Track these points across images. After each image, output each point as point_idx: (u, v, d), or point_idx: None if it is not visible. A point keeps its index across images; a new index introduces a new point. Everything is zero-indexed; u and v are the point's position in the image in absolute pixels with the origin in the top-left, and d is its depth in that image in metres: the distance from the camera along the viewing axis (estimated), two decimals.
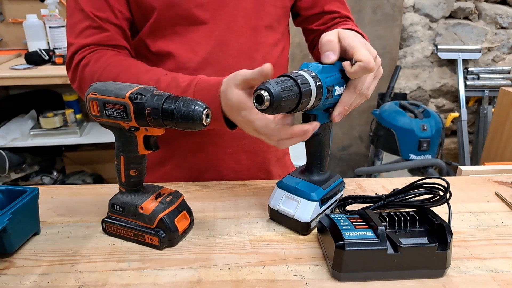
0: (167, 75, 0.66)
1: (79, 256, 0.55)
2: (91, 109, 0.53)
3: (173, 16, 0.71)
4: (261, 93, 0.46)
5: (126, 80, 0.66)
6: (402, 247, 0.49)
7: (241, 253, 0.56)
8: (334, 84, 0.54)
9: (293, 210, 0.59)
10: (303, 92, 0.48)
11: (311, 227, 0.59)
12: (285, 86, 0.47)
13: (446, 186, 0.57)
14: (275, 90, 0.46)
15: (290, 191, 0.60)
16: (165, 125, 0.50)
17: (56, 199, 0.70)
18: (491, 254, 0.56)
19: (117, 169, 0.57)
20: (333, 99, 0.56)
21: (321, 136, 0.60)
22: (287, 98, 0.47)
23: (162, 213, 0.56)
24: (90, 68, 0.69)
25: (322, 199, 0.59)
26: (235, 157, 0.81)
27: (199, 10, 0.71)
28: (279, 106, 0.46)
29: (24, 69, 1.83)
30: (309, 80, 0.50)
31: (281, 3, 0.78)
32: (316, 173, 0.62)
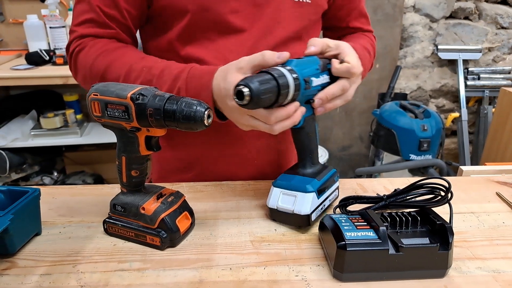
0: (160, 62, 0.66)
1: (81, 257, 0.55)
2: (92, 109, 0.53)
3: (206, 21, 0.69)
4: (241, 89, 0.48)
5: (119, 67, 0.66)
6: (404, 247, 0.49)
7: (242, 253, 0.56)
8: (310, 75, 0.58)
9: (291, 205, 0.60)
10: (281, 84, 0.51)
11: (312, 219, 0.60)
12: (263, 80, 0.50)
13: (448, 187, 0.57)
14: (254, 85, 0.48)
15: (286, 187, 0.61)
16: (167, 126, 0.50)
17: (57, 200, 0.70)
18: (492, 255, 0.56)
19: (119, 169, 0.57)
20: (312, 90, 0.59)
21: (307, 129, 0.62)
22: (266, 91, 0.50)
23: (164, 213, 0.56)
24: (85, 53, 0.69)
25: (318, 190, 0.60)
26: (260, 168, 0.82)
27: (234, 17, 0.69)
28: (259, 100, 0.49)
29: (25, 69, 1.83)
30: (285, 73, 0.53)
31: (315, 16, 0.78)
32: (308, 166, 0.63)
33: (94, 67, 0.68)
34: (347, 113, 2.54)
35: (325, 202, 0.63)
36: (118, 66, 0.66)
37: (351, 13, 0.84)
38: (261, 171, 0.83)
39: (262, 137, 0.78)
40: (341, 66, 0.60)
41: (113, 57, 0.67)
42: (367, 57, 0.78)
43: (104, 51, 0.68)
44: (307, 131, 0.62)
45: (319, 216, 0.62)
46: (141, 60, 0.67)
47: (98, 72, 0.68)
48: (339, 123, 2.56)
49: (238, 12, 0.69)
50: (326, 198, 0.63)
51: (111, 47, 0.69)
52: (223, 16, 0.68)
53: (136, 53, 0.69)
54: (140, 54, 0.69)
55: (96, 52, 0.68)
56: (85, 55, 0.69)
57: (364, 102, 2.51)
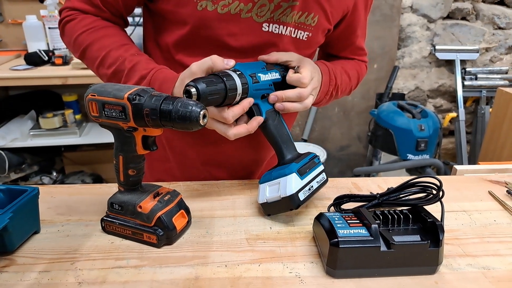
0: (136, 56, 0.68)
1: (79, 254, 0.56)
2: (90, 110, 0.54)
3: (203, 36, 0.70)
4: (188, 89, 0.55)
5: (98, 48, 0.69)
6: (395, 244, 0.51)
7: (237, 251, 0.57)
8: (256, 71, 0.65)
9: (277, 192, 0.62)
10: (226, 81, 0.58)
11: (301, 199, 0.61)
12: (209, 81, 0.56)
13: (439, 185, 0.58)
14: (201, 86, 0.55)
15: (269, 179, 0.64)
16: (163, 126, 0.51)
17: (56, 199, 0.71)
18: (483, 252, 0.57)
19: (116, 168, 0.58)
20: (261, 84, 0.65)
21: (271, 121, 0.66)
22: (213, 92, 0.56)
23: (160, 211, 0.57)
24: (72, 26, 0.71)
25: (299, 171, 0.62)
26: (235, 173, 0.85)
27: (231, 39, 0.70)
28: (205, 99, 0.56)
29: (24, 69, 1.84)
30: (230, 72, 0.60)
31: (310, 50, 0.78)
32: (287, 156, 0.66)
33: (77, 42, 0.71)
34: (345, 113, 2.55)
35: (312, 183, 0.64)
36: (98, 47, 0.69)
37: (346, 47, 0.86)
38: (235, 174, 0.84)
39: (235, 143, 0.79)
40: (293, 75, 0.67)
41: (96, 37, 0.69)
42: (345, 80, 0.82)
43: (90, 29, 0.70)
44: (272, 123, 0.66)
45: (309, 197, 0.63)
46: (121, 47, 0.69)
47: (79, 47, 0.71)
48: (337, 123, 2.57)
49: (235, 36, 0.70)
50: (313, 180, 0.65)
51: (98, 25, 0.71)
52: (220, 36, 0.69)
53: (119, 38, 0.71)
54: (122, 39, 0.71)
55: (83, 28, 0.70)
56: (73, 28, 0.71)
57: (362, 102, 2.53)
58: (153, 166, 0.87)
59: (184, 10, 0.67)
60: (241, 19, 0.68)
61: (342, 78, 0.80)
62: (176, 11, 0.68)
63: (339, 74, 0.79)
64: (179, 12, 0.68)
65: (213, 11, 0.66)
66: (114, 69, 0.67)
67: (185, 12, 0.67)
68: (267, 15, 0.68)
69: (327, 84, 0.76)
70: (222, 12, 0.66)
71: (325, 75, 0.75)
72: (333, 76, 0.77)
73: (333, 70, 0.78)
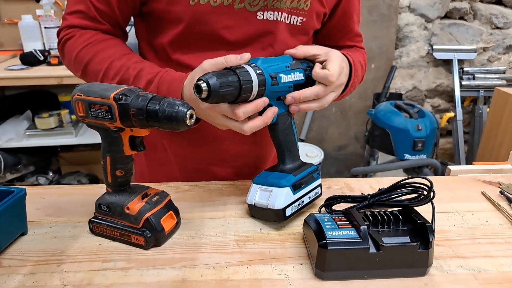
0: (139, 63, 0.67)
1: (65, 256, 0.55)
2: (77, 110, 0.54)
3: (199, 32, 0.69)
4: (199, 84, 0.51)
5: (100, 61, 0.68)
6: (384, 246, 0.50)
7: (226, 252, 0.56)
8: (278, 72, 0.59)
9: (266, 200, 0.61)
10: (242, 80, 0.53)
11: (287, 214, 0.60)
12: (222, 75, 0.52)
13: (430, 186, 0.57)
14: (212, 80, 0.51)
15: (263, 183, 0.63)
16: (150, 126, 0.51)
17: (45, 200, 0.70)
18: (474, 253, 0.57)
19: (104, 169, 0.57)
20: (280, 86, 0.60)
21: (281, 125, 0.63)
22: (225, 85, 0.52)
23: (148, 213, 0.56)
24: (72, 43, 0.70)
25: (293, 185, 0.61)
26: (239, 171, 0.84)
27: (227, 32, 0.69)
28: (217, 94, 0.51)
29: (19, 69, 1.83)
30: (248, 69, 0.55)
31: (306, 36, 0.77)
32: (287, 163, 0.64)
33: (78, 58, 0.69)
34: (342, 113, 2.54)
35: (304, 198, 0.64)
36: (99, 60, 0.68)
37: (345, 35, 0.84)
38: (239, 173, 0.84)
39: (239, 140, 0.79)
40: (320, 72, 0.62)
41: (96, 50, 0.68)
42: (359, 70, 0.78)
43: (89, 43, 0.69)
44: (282, 128, 0.63)
45: (296, 212, 0.63)
46: (123, 57, 0.68)
47: (80, 63, 0.69)
48: (334, 123, 2.57)
49: (231, 28, 0.69)
50: (305, 195, 0.64)
51: (97, 38, 0.69)
52: (216, 30, 0.69)
53: (120, 49, 0.70)
54: (123, 49, 0.70)
55: (83, 43, 0.69)
56: (72, 45, 0.70)
57: (359, 102, 2.52)
58: (154, 170, 0.86)
59: (177, 8, 0.67)
60: (235, 10, 0.67)
61: (357, 68, 0.76)
62: (169, 9, 0.67)
63: (358, 63, 0.76)
64: (172, 10, 0.67)
65: (206, 4, 0.66)
66: (119, 79, 0.66)
67: (178, 9, 0.67)
68: (260, 4, 0.68)
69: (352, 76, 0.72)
70: (215, 4, 0.66)
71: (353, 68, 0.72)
72: (358, 66, 0.74)
73: (353, 59, 0.74)
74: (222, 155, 0.81)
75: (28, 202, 0.60)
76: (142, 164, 0.89)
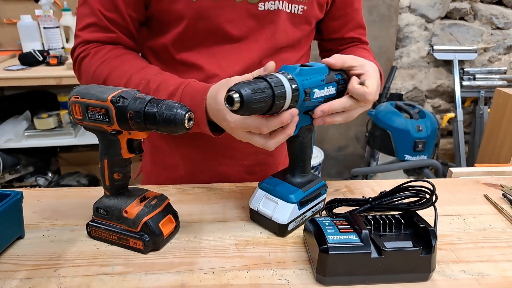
0: (159, 75, 0.66)
1: (63, 260, 0.54)
2: (73, 112, 0.53)
3: (202, 28, 0.68)
4: (231, 95, 0.47)
5: (118, 76, 0.66)
6: (386, 251, 0.49)
7: (226, 257, 0.56)
8: (312, 86, 0.54)
9: (271, 211, 0.59)
10: (277, 95, 0.49)
11: (289, 229, 0.59)
12: (257, 88, 0.47)
13: (432, 189, 0.56)
14: (245, 92, 0.46)
15: (270, 192, 0.61)
16: (148, 129, 0.50)
17: (42, 202, 0.70)
18: (477, 258, 0.56)
19: (101, 172, 0.57)
20: (312, 102, 0.56)
21: (302, 138, 0.60)
22: (259, 100, 0.47)
23: (146, 216, 0.55)
24: (88, 61, 0.69)
25: (301, 201, 0.59)
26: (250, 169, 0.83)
27: (230, 26, 0.69)
28: (250, 107, 0.47)
29: (18, 70, 1.82)
30: (284, 82, 0.50)
31: (308, 26, 0.76)
32: (298, 175, 0.62)
33: (96, 76, 0.68)
34: None
35: (307, 213, 0.63)
36: (118, 75, 0.66)
37: (347, 24, 0.83)
38: (251, 171, 0.83)
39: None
40: (359, 88, 0.58)
41: (113, 66, 0.67)
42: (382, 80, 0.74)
43: (106, 59, 0.68)
44: (302, 140, 0.60)
45: (298, 226, 0.62)
46: (141, 70, 0.67)
47: (99, 81, 0.68)
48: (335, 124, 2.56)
49: (234, 22, 0.69)
50: (309, 210, 0.63)
51: (113, 54, 0.68)
52: (219, 25, 0.68)
53: (137, 62, 0.69)
54: (141, 63, 0.69)
55: (99, 60, 0.68)
56: (88, 63, 0.69)
57: None
58: (161, 175, 0.85)
59: (179, 6, 0.66)
60: (236, 3, 0.67)
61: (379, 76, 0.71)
62: (171, 9, 0.67)
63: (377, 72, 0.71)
64: (174, 8, 0.67)
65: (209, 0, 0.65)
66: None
67: (180, 7, 0.66)
68: None
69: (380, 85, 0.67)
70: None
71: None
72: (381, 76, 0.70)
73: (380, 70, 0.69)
74: (232, 154, 0.80)
75: (25, 205, 0.59)
76: (148, 167, 0.88)
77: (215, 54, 0.71)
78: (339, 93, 0.60)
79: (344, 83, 0.60)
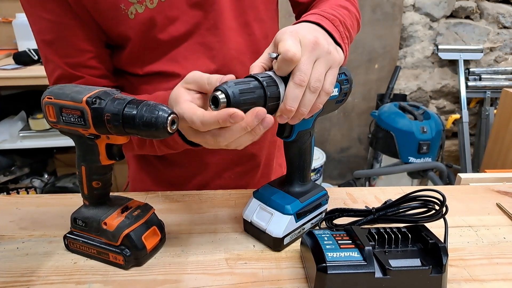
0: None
1: (35, 277, 0.50)
2: (47, 114, 0.48)
3: (152, 39, 0.63)
4: (216, 95, 0.41)
5: None
6: (392, 270, 0.44)
7: (215, 273, 0.51)
8: None
9: (265, 223, 0.54)
10: (269, 96, 0.44)
11: (284, 243, 0.54)
12: (246, 88, 0.42)
13: (442, 200, 0.51)
14: (232, 92, 0.41)
15: (265, 202, 0.55)
16: (127, 133, 0.45)
17: (21, 210, 0.65)
18: (492, 276, 0.51)
19: (79, 180, 0.52)
20: None
21: (300, 144, 0.54)
22: (248, 101, 0.42)
23: (128, 229, 0.50)
24: None
25: (298, 213, 0.54)
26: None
27: (173, 26, 0.63)
28: (238, 106, 0.41)
29: (12, 69, 1.78)
30: (278, 81, 0.45)
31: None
32: (296, 184, 0.57)
33: None
34: (345, 114, 2.48)
35: (306, 225, 0.57)
36: None
37: None
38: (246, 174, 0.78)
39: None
40: (277, 64, 0.44)
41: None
42: (345, 14, 0.60)
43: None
44: (300, 146, 0.55)
45: (295, 239, 0.57)
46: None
47: None
48: (337, 124, 2.51)
49: (177, 20, 0.62)
50: (308, 222, 0.57)
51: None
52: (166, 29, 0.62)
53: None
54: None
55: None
56: None
57: (362, 103, 2.46)
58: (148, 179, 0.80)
59: (122, 26, 0.61)
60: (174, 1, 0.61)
61: (339, 12, 0.58)
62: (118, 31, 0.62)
63: (331, 9, 0.58)
64: (119, 30, 0.61)
65: (145, 10, 0.59)
66: None
67: (123, 28, 0.61)
68: None
69: (331, 26, 0.53)
70: (152, 6, 0.59)
71: (320, 20, 0.52)
72: (329, 15, 0.55)
73: (323, 11, 0.56)
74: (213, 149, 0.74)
75: (2, 213, 0.55)
76: (132, 174, 0.83)
77: (175, 57, 0.65)
78: (343, 94, 0.54)
79: (348, 83, 0.54)
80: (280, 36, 0.46)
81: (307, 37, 0.45)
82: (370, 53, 2.34)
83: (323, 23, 0.51)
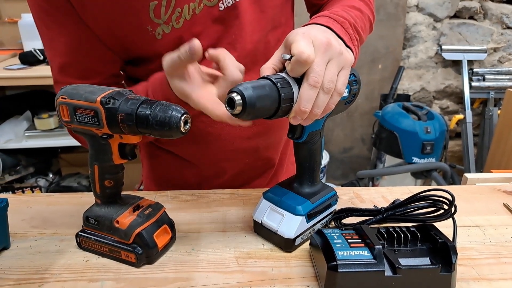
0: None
1: (49, 274, 0.50)
2: (61, 114, 0.49)
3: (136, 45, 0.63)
4: (232, 97, 0.42)
5: None
6: (402, 268, 0.45)
7: (225, 271, 0.51)
8: None
9: (276, 224, 0.54)
10: (283, 97, 0.44)
11: (296, 243, 0.54)
12: (261, 90, 0.43)
13: (451, 200, 0.51)
14: (248, 94, 0.41)
15: (276, 203, 0.56)
16: (140, 132, 0.46)
17: (32, 209, 0.66)
18: (500, 275, 0.51)
19: (91, 179, 0.52)
20: None
21: (310, 145, 0.54)
22: (263, 102, 0.43)
23: (140, 227, 0.51)
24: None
25: (309, 214, 0.54)
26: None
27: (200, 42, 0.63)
28: (253, 111, 0.42)
29: (18, 69, 1.79)
30: (291, 82, 0.45)
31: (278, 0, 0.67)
32: (306, 184, 0.57)
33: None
34: (348, 114, 2.48)
35: (316, 226, 0.57)
36: None
37: None
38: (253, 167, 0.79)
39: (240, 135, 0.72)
40: (291, 66, 0.45)
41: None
42: (357, 15, 0.60)
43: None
44: (311, 147, 0.55)
45: (306, 240, 0.57)
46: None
47: None
48: (340, 124, 2.51)
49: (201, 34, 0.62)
50: (318, 222, 0.58)
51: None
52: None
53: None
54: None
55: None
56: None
57: (366, 103, 2.46)
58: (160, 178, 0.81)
59: (150, 47, 0.61)
60: (198, 15, 0.60)
61: (350, 14, 0.59)
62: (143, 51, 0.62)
63: (342, 11, 0.58)
64: (146, 50, 0.62)
65: (172, 30, 0.59)
66: None
67: (151, 48, 0.61)
68: None
69: (341, 29, 0.54)
70: (178, 26, 0.59)
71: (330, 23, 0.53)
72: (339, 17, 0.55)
73: (333, 13, 0.56)
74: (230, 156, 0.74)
75: (14, 211, 0.55)
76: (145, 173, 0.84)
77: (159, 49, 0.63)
78: (353, 94, 0.55)
79: (357, 84, 0.54)
80: (292, 38, 0.46)
81: (319, 38, 0.46)
82: (374, 53, 2.35)
83: (332, 27, 0.52)
